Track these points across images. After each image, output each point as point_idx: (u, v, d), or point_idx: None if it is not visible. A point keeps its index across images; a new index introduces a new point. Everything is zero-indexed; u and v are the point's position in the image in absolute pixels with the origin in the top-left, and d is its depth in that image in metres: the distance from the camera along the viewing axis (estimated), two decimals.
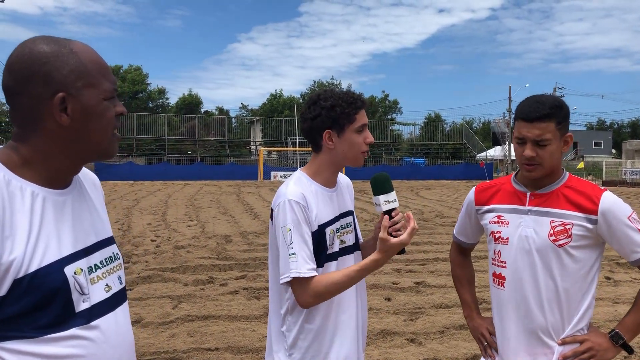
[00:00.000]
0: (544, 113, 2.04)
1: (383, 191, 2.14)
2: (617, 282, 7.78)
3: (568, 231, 2.09)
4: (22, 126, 1.35)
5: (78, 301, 1.33)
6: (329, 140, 2.15)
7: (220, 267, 8.62)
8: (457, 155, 53.92)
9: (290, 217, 2.05)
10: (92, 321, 1.35)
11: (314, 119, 2.15)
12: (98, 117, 1.37)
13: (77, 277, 1.34)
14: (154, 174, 37.50)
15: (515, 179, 2.27)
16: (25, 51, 1.31)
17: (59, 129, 1.34)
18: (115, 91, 1.43)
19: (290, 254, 2.03)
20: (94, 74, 1.36)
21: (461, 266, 2.58)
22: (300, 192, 2.10)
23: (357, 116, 2.14)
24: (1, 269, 1.21)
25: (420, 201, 21.56)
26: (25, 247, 1.25)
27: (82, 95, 1.34)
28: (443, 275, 7.99)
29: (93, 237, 1.45)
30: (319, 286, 2.02)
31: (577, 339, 2.11)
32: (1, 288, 1.22)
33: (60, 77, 1.31)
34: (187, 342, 5.25)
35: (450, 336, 5.44)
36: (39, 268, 1.26)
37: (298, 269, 2.01)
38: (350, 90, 2.20)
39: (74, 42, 1.37)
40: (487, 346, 2.34)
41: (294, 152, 46.86)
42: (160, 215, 15.89)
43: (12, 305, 1.23)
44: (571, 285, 2.10)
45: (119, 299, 1.48)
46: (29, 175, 1.33)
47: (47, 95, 1.31)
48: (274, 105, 63.75)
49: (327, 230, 2.15)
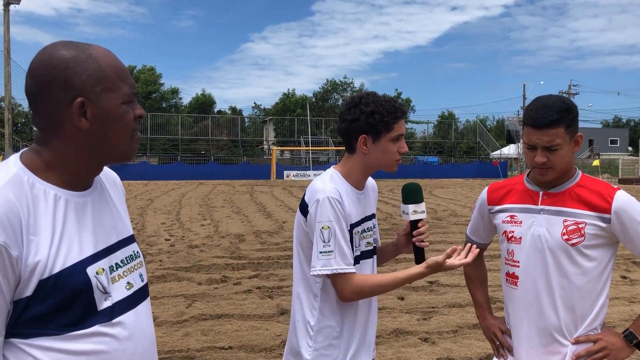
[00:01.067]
0: (552, 119, 2.01)
1: (414, 201, 2.18)
2: (634, 282, 7.70)
3: (581, 230, 2.07)
4: (44, 130, 1.38)
5: (100, 300, 1.37)
6: (364, 145, 2.15)
7: (234, 266, 8.67)
8: (470, 153, 53.63)
9: (329, 214, 2.06)
10: (114, 318, 1.39)
11: (352, 122, 2.15)
12: (117, 121, 1.39)
13: (99, 277, 1.37)
14: (168, 174, 37.71)
15: (527, 179, 2.26)
16: (46, 57, 1.35)
17: (79, 133, 1.36)
18: (134, 94, 1.45)
19: (329, 251, 2.05)
20: (113, 78, 1.38)
21: (474, 266, 2.56)
22: (337, 190, 2.11)
23: (395, 125, 2.14)
24: (27, 270, 1.26)
25: (434, 200, 21.47)
26: (49, 249, 1.29)
27: (101, 99, 1.36)
28: (457, 275, 7.95)
29: (114, 237, 1.48)
30: (364, 284, 2.07)
31: (590, 338, 2.10)
32: (27, 288, 1.26)
33: (80, 82, 1.34)
34: (201, 340, 5.28)
35: (464, 335, 5.43)
36: (62, 269, 1.30)
37: (337, 264, 2.04)
38: (392, 97, 2.19)
39: (93, 47, 1.40)
40: (499, 346, 2.33)
41: (306, 151, 46.88)
42: (174, 214, 15.99)
43: (37, 305, 1.27)
44: (584, 284, 2.09)
45: (141, 296, 1.51)
46: (51, 178, 1.36)
47: (67, 100, 1.34)
48: (286, 105, 63.76)
49: (354, 230, 2.16)
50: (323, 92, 65.61)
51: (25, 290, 1.26)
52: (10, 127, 30.07)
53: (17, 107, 51.71)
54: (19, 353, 1.28)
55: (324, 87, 65.98)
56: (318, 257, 2.06)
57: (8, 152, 29.14)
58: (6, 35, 30.04)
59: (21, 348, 1.28)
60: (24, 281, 1.26)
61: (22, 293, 1.26)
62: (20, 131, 51.72)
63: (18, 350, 1.28)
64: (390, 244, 2.41)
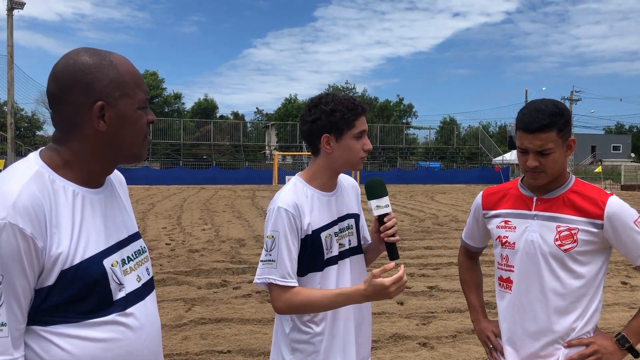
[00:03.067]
0: (544, 123, 2.02)
1: (375, 196, 2.16)
2: (634, 287, 7.70)
3: (574, 236, 2.09)
4: (63, 130, 1.48)
5: (115, 290, 1.46)
6: (327, 144, 2.14)
7: (234, 270, 8.68)
8: (472, 159, 53.60)
9: (277, 225, 2.08)
10: (127, 309, 1.48)
11: (313, 122, 2.15)
12: (132, 124, 1.49)
13: (114, 269, 1.47)
14: (170, 178, 37.76)
15: (521, 184, 2.27)
16: (70, 62, 1.44)
17: (96, 134, 1.46)
18: (148, 101, 1.55)
19: (270, 260, 2.08)
20: (131, 85, 1.49)
21: (469, 270, 2.59)
22: (293, 201, 2.10)
23: (356, 122, 2.13)
24: (50, 260, 1.35)
25: (436, 205, 21.47)
26: (69, 241, 1.39)
27: (118, 104, 1.46)
28: (456, 280, 7.95)
29: (124, 232, 1.59)
30: (295, 299, 2.05)
31: (583, 342, 2.11)
32: (49, 278, 1.35)
33: (100, 87, 1.44)
34: (200, 344, 5.29)
35: (463, 340, 5.43)
36: (82, 260, 1.40)
37: (273, 275, 2.06)
38: (351, 95, 2.19)
39: (113, 55, 1.50)
40: (492, 349, 2.34)
41: (308, 156, 46.87)
42: (175, 219, 16.01)
43: (58, 294, 1.36)
44: (578, 289, 2.10)
45: (148, 288, 1.61)
46: (69, 176, 1.46)
47: (87, 104, 1.43)
48: (288, 110, 63.89)
49: (322, 234, 2.14)
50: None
51: (47, 280, 1.35)
52: (12, 131, 30.16)
53: (19, 112, 51.86)
54: (40, 340, 1.36)
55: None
56: (260, 266, 2.10)
57: (10, 156, 29.20)
58: (9, 40, 30.18)
59: (42, 335, 1.36)
60: (47, 271, 1.35)
61: (44, 282, 1.35)
62: (22, 135, 51.85)
63: (39, 337, 1.36)
64: (370, 244, 2.40)
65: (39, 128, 60.42)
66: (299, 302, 2.05)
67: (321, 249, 2.14)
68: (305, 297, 2.05)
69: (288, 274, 2.06)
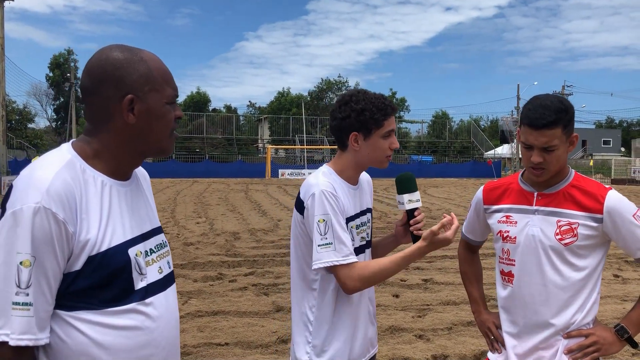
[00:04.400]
0: (550, 120, 2.03)
1: (408, 190, 2.20)
2: (626, 280, 7.79)
3: (574, 230, 2.12)
4: (94, 122, 1.53)
5: (137, 279, 1.51)
6: (355, 142, 2.18)
7: (229, 263, 8.69)
8: (464, 153, 53.79)
9: (325, 208, 2.08)
10: (147, 298, 1.52)
11: (343, 119, 2.17)
12: (160, 118, 1.54)
13: (137, 259, 1.52)
14: (163, 172, 37.67)
15: (522, 179, 2.30)
16: (103, 57, 1.50)
17: (125, 127, 1.51)
18: (176, 97, 1.60)
19: (327, 244, 2.06)
20: (159, 80, 1.54)
21: (469, 263, 2.62)
22: (331, 184, 2.14)
23: (385, 122, 2.17)
24: (79, 246, 1.40)
25: (428, 199, 21.54)
26: (98, 228, 1.44)
27: (147, 98, 1.52)
28: (451, 273, 8.02)
29: (148, 225, 1.63)
30: (365, 271, 2.07)
31: (582, 333, 2.15)
32: (77, 263, 1.41)
33: (131, 81, 1.49)
34: (197, 337, 5.31)
35: (458, 332, 5.48)
36: (108, 248, 1.45)
37: (335, 257, 2.05)
38: (382, 95, 2.22)
39: (143, 52, 1.56)
40: (493, 340, 2.38)
41: (301, 149, 46.90)
42: (169, 212, 16.00)
43: (84, 279, 1.41)
44: (577, 282, 2.14)
45: (169, 280, 1.65)
46: (98, 166, 1.51)
47: (117, 97, 1.49)
48: (281, 103, 63.71)
49: (349, 224, 2.19)
50: (318, 91, 65.62)
51: (75, 265, 1.40)
52: (3, 123, 29.91)
53: (10, 104, 51.45)
54: (63, 324, 1.41)
55: (319, 86, 66.01)
56: (317, 250, 2.06)
57: (1, 148, 28.99)
58: (0, 32, 29.88)
59: (66, 320, 1.41)
60: (75, 256, 1.40)
61: (72, 267, 1.40)
62: (14, 128, 51.48)
63: (62, 322, 1.41)
64: (389, 236, 2.44)
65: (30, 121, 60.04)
66: (370, 273, 2.07)
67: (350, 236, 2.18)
68: (376, 267, 2.08)
69: (350, 252, 2.08)
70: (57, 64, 65.44)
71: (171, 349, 1.61)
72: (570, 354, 2.13)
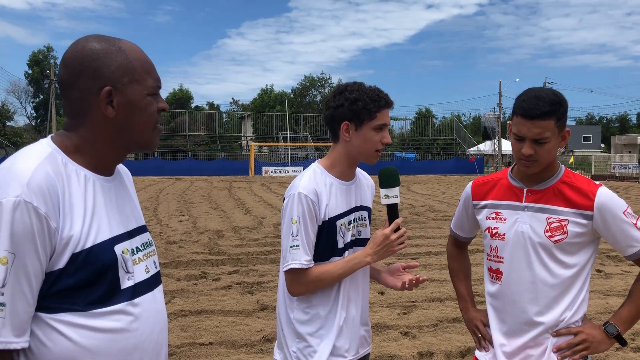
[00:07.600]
0: (544, 111, 1.99)
1: (387, 185, 2.17)
2: (608, 275, 7.85)
3: (564, 227, 2.09)
4: (73, 117, 1.46)
5: (124, 278, 1.44)
6: (346, 132, 2.18)
7: (213, 262, 8.61)
8: (447, 150, 54.10)
9: (298, 210, 2.11)
10: (134, 298, 1.46)
11: (335, 109, 2.18)
12: (141, 111, 1.47)
13: (124, 256, 1.46)
14: (145, 170, 37.28)
15: (511, 174, 2.27)
16: (79, 48, 1.44)
17: (105, 120, 1.45)
18: (159, 88, 1.53)
19: (294, 245, 2.10)
20: (139, 70, 1.47)
21: (457, 259, 2.59)
22: (313, 187, 2.14)
23: (378, 114, 2.16)
24: (62, 242, 1.33)
25: (412, 195, 21.60)
26: (82, 224, 1.37)
27: (127, 90, 1.45)
28: (436, 269, 8.02)
29: (134, 223, 1.58)
30: (308, 277, 2.12)
31: (571, 331, 2.12)
32: (60, 261, 1.33)
33: (108, 72, 1.43)
34: (181, 337, 5.24)
35: (444, 329, 5.47)
36: (93, 245, 1.38)
37: (300, 260, 2.10)
38: (378, 87, 2.22)
39: (122, 41, 1.49)
40: (481, 338, 2.35)
41: (285, 147, 46.77)
42: (152, 210, 15.83)
43: (68, 278, 1.34)
44: (567, 279, 2.11)
45: (156, 280, 1.60)
46: (80, 161, 1.45)
47: (95, 89, 1.42)
48: (265, 101, 63.44)
49: (337, 222, 2.18)
50: (301, 88, 65.47)
51: (58, 263, 1.33)
52: None
53: None
54: (45, 327, 1.33)
55: (302, 84, 65.86)
56: (289, 251, 2.12)
57: None
58: None
59: (48, 323, 1.33)
60: (57, 253, 1.33)
61: (54, 265, 1.33)
62: None
63: (44, 325, 1.33)
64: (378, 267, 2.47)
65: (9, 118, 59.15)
66: (313, 278, 2.12)
67: (334, 237, 2.18)
68: (318, 271, 2.13)
69: (311, 259, 2.13)
70: (36, 61, 64.50)
71: (160, 352, 1.54)
72: (559, 352, 2.11)
